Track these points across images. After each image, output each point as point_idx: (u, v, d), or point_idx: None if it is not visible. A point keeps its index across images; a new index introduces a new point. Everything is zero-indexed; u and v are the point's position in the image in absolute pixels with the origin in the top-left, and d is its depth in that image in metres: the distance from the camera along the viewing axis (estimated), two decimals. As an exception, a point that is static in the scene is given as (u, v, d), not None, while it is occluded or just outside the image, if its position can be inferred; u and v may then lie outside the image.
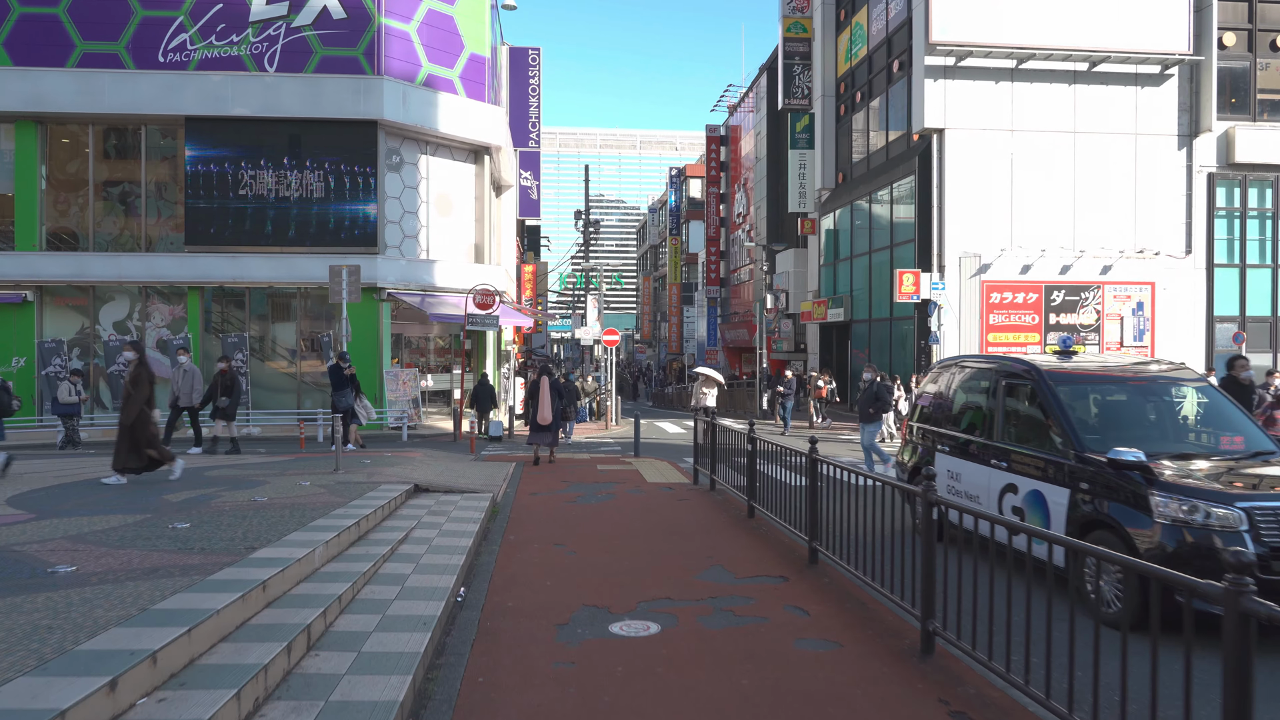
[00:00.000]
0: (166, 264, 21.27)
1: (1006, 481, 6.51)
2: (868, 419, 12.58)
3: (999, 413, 6.92)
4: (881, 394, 12.59)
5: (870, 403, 12.57)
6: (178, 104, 20.84)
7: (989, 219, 22.68)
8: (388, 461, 11.78)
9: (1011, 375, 6.93)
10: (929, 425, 8.07)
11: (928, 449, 7.94)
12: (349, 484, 8.85)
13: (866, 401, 12.60)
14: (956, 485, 7.26)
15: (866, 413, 12.67)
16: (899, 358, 24.84)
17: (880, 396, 12.57)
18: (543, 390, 13.28)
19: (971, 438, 7.24)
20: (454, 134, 22.94)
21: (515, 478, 11.50)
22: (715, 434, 9.93)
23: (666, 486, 10.69)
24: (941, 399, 8.04)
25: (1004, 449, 6.69)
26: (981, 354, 9.32)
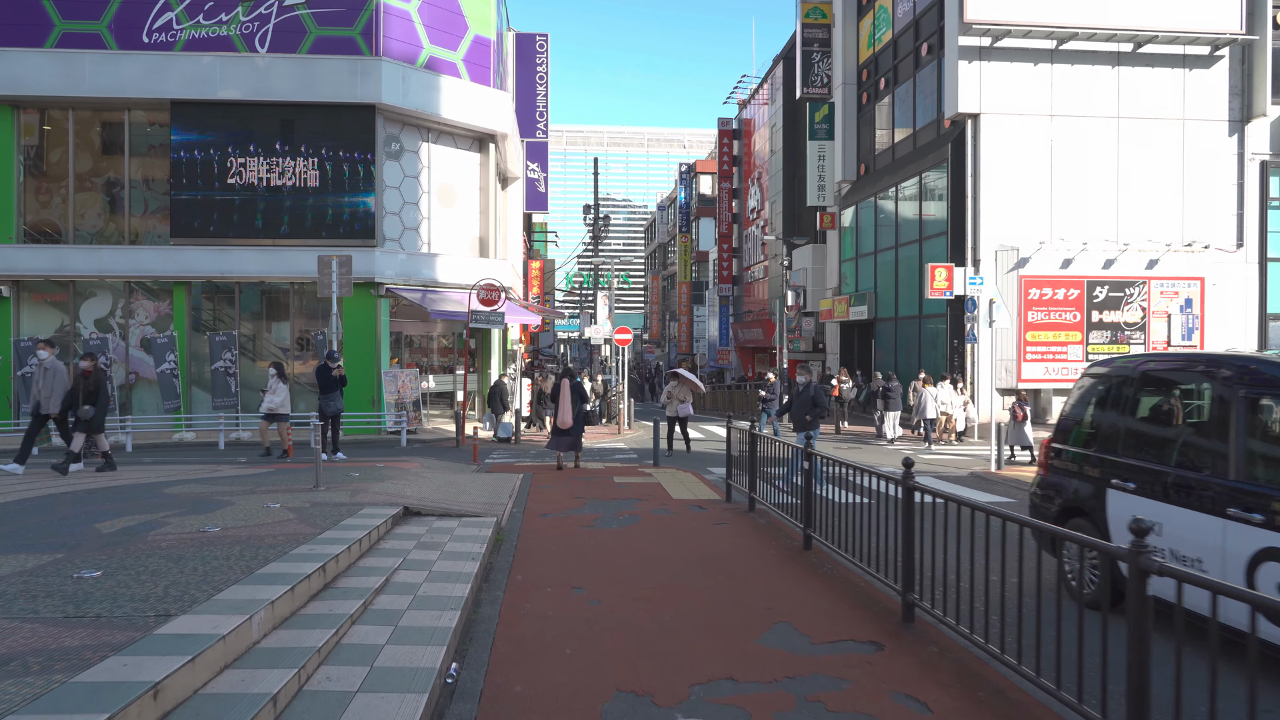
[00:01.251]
0: (150, 257, 19.97)
1: (1262, 544, 4.45)
2: (802, 425, 11.00)
3: (1237, 438, 4.87)
4: (819, 398, 11.17)
5: (807, 408, 11.14)
6: (163, 87, 19.55)
7: (1027, 210, 21.24)
8: (378, 475, 10.42)
9: (1263, 384, 4.87)
10: (1092, 451, 6.04)
11: (1091, 485, 5.93)
12: (326, 506, 7.50)
13: (802, 407, 11.13)
14: (1157, 542, 5.22)
15: (802, 419, 11.19)
16: (929, 358, 23.41)
17: (818, 401, 11.16)
18: (563, 393, 12.65)
19: (1187, 473, 5.18)
20: (457, 120, 21.60)
21: (523, 493, 10.14)
22: (755, 445, 8.55)
23: (697, 505, 9.31)
24: (1108, 414, 6.04)
25: (1257, 494, 4.62)
26: (1183, 352, 6.96)
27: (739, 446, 9.19)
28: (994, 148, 21.20)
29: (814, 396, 11.04)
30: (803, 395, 11.22)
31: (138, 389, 20.49)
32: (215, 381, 19.54)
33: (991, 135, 21.21)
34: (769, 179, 40.40)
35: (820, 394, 11.18)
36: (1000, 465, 13.81)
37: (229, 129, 19.84)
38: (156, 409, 19.81)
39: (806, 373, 11.57)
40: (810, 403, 11.06)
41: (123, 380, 20.30)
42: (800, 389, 11.30)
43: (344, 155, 20.08)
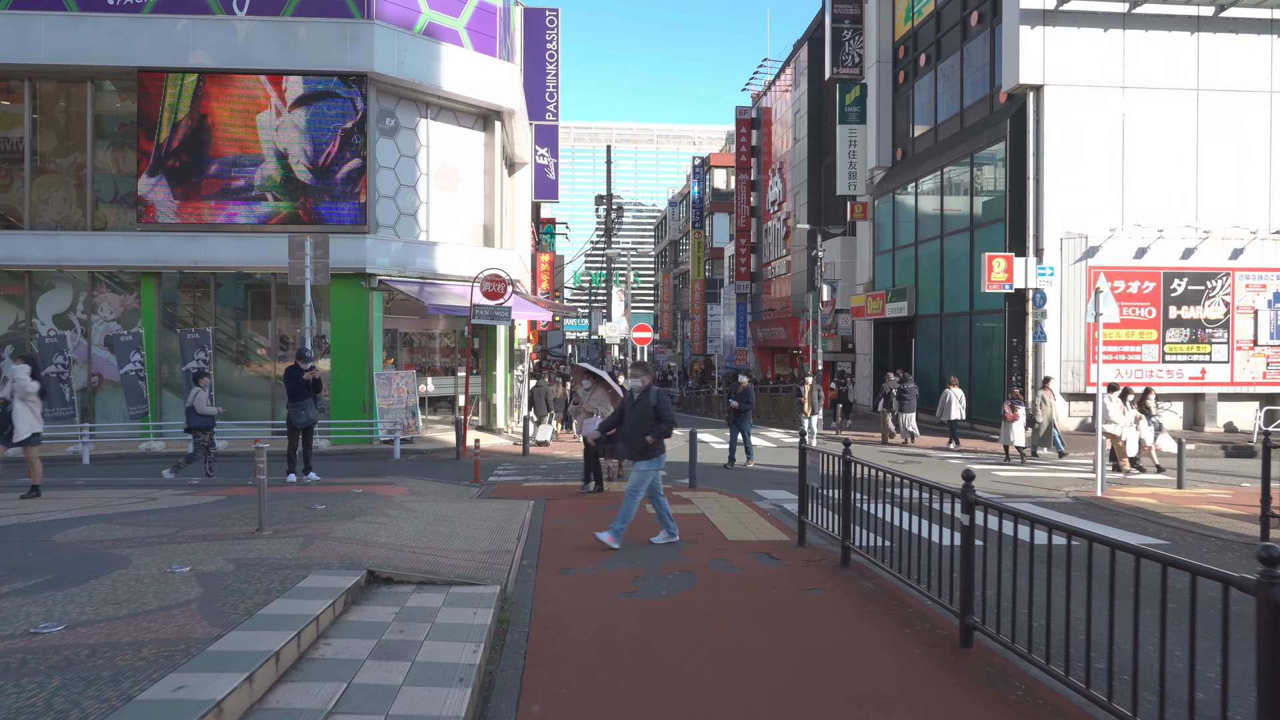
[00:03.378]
0: (115, 245, 17.81)
1: None
2: (640, 452, 7.72)
3: None
4: (663, 408, 7.72)
5: (647, 425, 7.78)
6: (129, 53, 17.41)
7: (1096, 193, 18.94)
8: (350, 507, 8.18)
9: None
10: None
11: None
12: (258, 568, 5.29)
13: (640, 424, 7.71)
14: None
15: (640, 442, 7.97)
16: (982, 359, 21.12)
17: (661, 414, 7.76)
18: None
19: None
20: (459, 94, 19.40)
21: (534, 531, 7.91)
22: (850, 475, 6.29)
23: (765, 553, 7.06)
24: None
25: None
26: None
27: (820, 473, 6.94)
28: (1059, 124, 18.90)
29: (656, 407, 7.57)
30: (638, 406, 7.69)
31: (101, 393, 18.35)
32: (188, 384, 17.34)
33: (1056, 109, 18.92)
34: (791, 169, 38.12)
35: (664, 403, 7.64)
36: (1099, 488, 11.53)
37: (203, 100, 17.65)
38: (122, 415, 17.65)
39: (643, 373, 7.98)
40: (652, 417, 7.57)
41: (84, 383, 18.16)
42: (636, 397, 7.81)
43: (333, 130, 17.89)
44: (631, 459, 7.69)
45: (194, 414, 11.99)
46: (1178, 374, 19.03)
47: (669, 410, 7.68)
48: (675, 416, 7.91)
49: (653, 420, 7.57)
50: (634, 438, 7.63)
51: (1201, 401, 19.30)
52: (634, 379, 8.04)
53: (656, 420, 7.58)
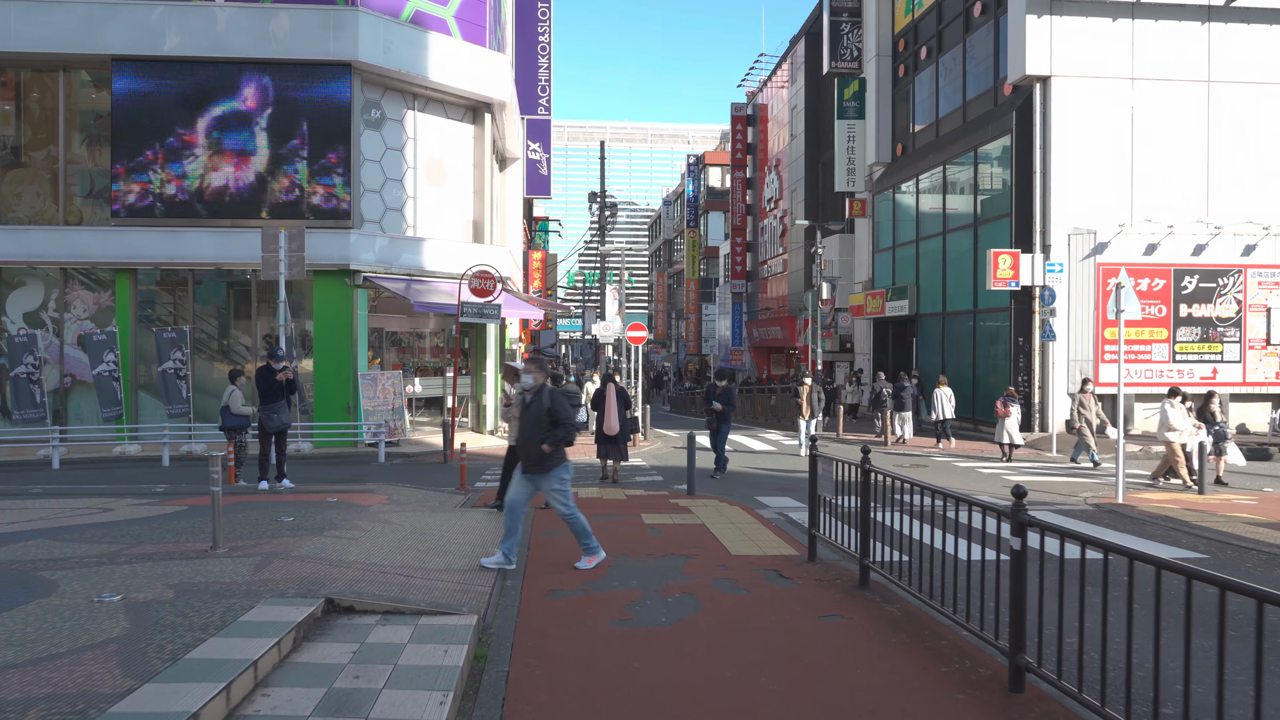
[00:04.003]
0: (88, 240, 17.10)
1: None
2: (534, 464, 6.47)
3: None
4: (559, 410, 6.51)
5: (542, 432, 6.48)
6: (102, 40, 16.72)
7: (1104, 188, 18.38)
8: (319, 519, 7.53)
9: None
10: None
11: None
12: (200, 595, 4.64)
13: (535, 427, 6.45)
14: None
15: (534, 451, 6.45)
16: (987, 358, 20.54)
17: (558, 415, 6.47)
18: (609, 398, 11.97)
19: None
20: (448, 84, 18.74)
21: (521, 546, 7.26)
22: (869, 486, 5.67)
23: (772, 570, 6.43)
24: None
25: None
26: None
27: (833, 482, 6.31)
28: (1067, 116, 18.34)
29: (551, 409, 6.40)
30: (531, 410, 6.50)
31: (75, 394, 17.64)
32: (164, 385, 16.67)
33: (1064, 101, 18.35)
34: (788, 166, 37.54)
35: (560, 404, 6.47)
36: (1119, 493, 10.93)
37: (180, 90, 16.97)
38: (96, 417, 16.94)
39: (535, 369, 6.68)
40: (547, 422, 6.40)
41: (56, 384, 17.44)
42: (528, 399, 6.59)
43: (315, 122, 17.21)
44: (527, 473, 6.47)
45: (229, 414, 11.55)
46: (1188, 374, 18.48)
47: (567, 412, 6.50)
48: (575, 419, 6.81)
49: (548, 426, 6.40)
50: (528, 448, 6.42)
51: (1213, 402, 18.70)
52: (525, 375, 6.66)
53: (553, 425, 6.40)
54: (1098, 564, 3.41)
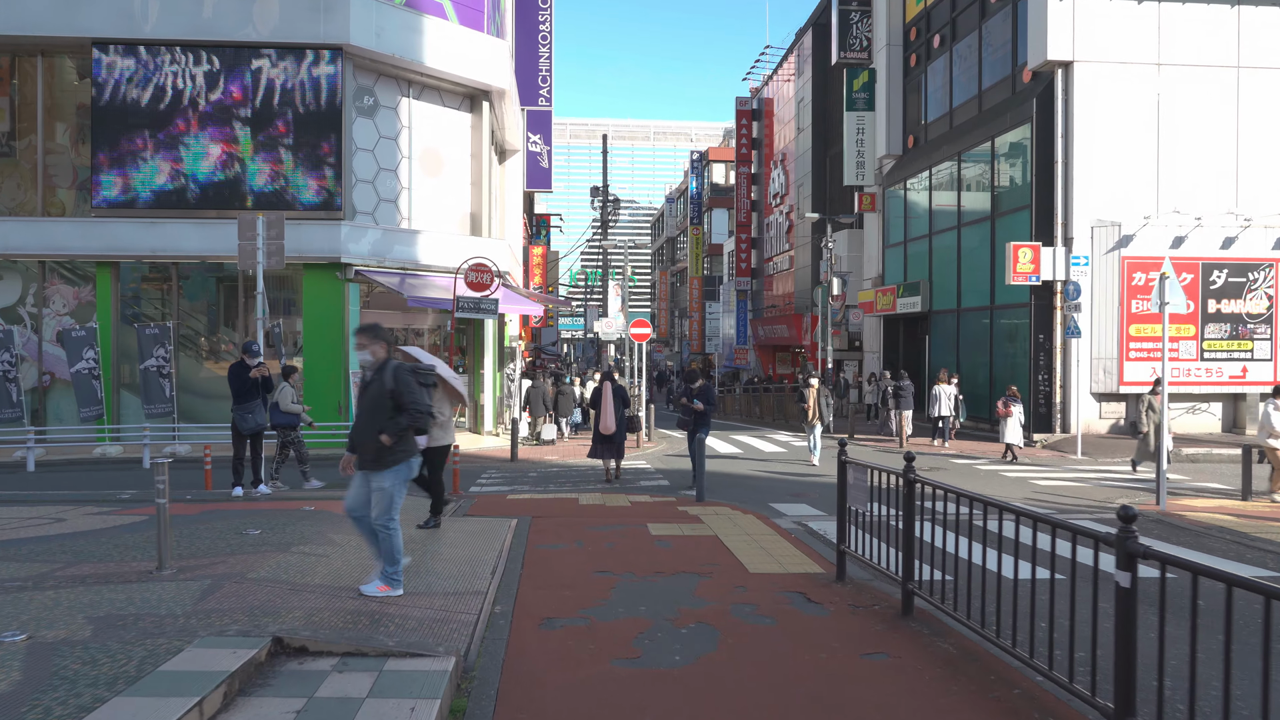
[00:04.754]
0: (67, 233, 16.37)
1: None
2: (368, 461, 5.19)
3: None
4: (405, 395, 5.25)
5: (368, 432, 5.20)
6: (82, 23, 15.99)
7: (1129, 179, 17.60)
8: (289, 532, 6.76)
9: None
10: None
11: None
12: (127, 632, 3.88)
13: (372, 413, 5.20)
14: None
15: (372, 444, 5.17)
16: (1004, 356, 19.75)
17: (406, 404, 5.27)
18: (605, 397, 11.89)
19: None
20: (444, 70, 17.99)
21: (514, 563, 6.50)
22: (913, 498, 4.90)
23: (797, 593, 5.66)
24: None
25: None
26: None
27: (865, 493, 5.54)
28: (1090, 103, 17.55)
29: (394, 390, 5.14)
30: (369, 391, 5.25)
31: (55, 393, 16.91)
32: (146, 383, 15.94)
33: (1086, 88, 17.56)
34: (794, 161, 36.75)
35: (406, 384, 5.15)
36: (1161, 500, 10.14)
37: (164, 75, 16.23)
38: (76, 417, 16.20)
39: (372, 340, 5.39)
40: (388, 405, 5.14)
41: (34, 383, 16.71)
42: (368, 377, 5.37)
43: (304, 109, 16.47)
44: (362, 469, 5.15)
45: (277, 411, 10.98)
46: (1216, 372, 17.70)
47: (413, 394, 5.14)
48: (426, 403, 5.28)
49: (390, 410, 5.10)
50: (363, 438, 5.10)
51: (1242, 402, 17.96)
52: (360, 350, 5.39)
53: (396, 410, 5.10)
54: (1211, 596, 2.64)
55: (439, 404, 7.70)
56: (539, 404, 18.69)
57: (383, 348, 5.39)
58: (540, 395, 18.71)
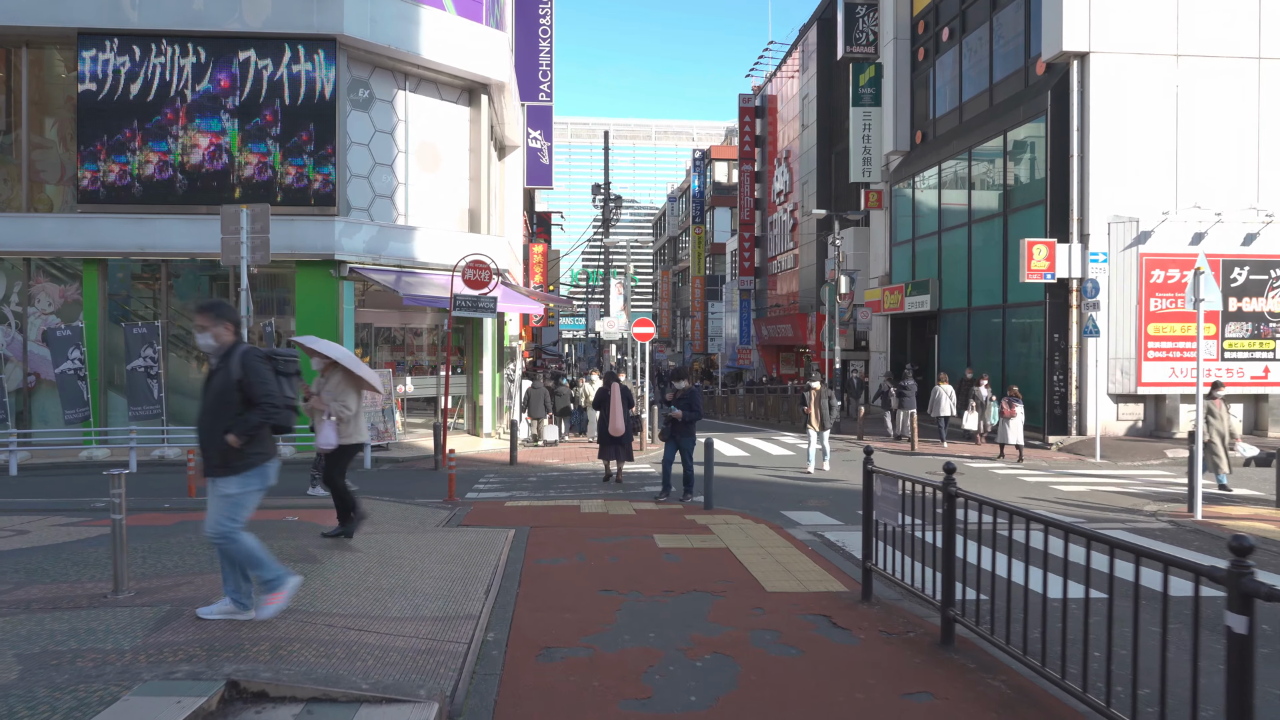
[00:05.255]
0: (52, 229, 15.88)
1: None
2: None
3: None
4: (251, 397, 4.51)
5: (215, 438, 4.47)
6: (66, 13, 15.51)
7: (1147, 173, 17.07)
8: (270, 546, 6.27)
9: None
10: None
11: None
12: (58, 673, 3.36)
13: (209, 420, 4.49)
14: None
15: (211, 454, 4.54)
16: (1018, 356, 19.22)
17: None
18: (613, 399, 11.65)
19: None
20: (442, 62, 17.49)
21: (510, 580, 5.99)
22: (953, 514, 4.40)
23: (821, 615, 5.14)
24: None
25: None
26: None
27: (895, 506, 5.03)
28: (1106, 95, 17.03)
29: (242, 381, 4.39)
30: (214, 381, 4.47)
31: (40, 394, 16.42)
32: (133, 384, 15.43)
33: (1103, 80, 17.04)
34: (799, 158, 36.23)
35: (257, 372, 4.40)
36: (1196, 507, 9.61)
37: (152, 67, 15.73)
38: (61, 419, 15.70)
39: (214, 321, 4.50)
40: (236, 398, 4.39)
41: (19, 384, 16.21)
42: (214, 365, 4.55)
43: (297, 102, 15.97)
44: (209, 475, 4.43)
45: None
46: (1238, 373, 17.16)
47: (267, 385, 4.37)
48: (283, 394, 4.48)
49: (238, 404, 4.34)
50: (208, 438, 4.37)
51: (1264, 403, 17.45)
52: (200, 335, 4.50)
53: (245, 404, 4.33)
54: None
55: (344, 397, 7.01)
56: (539, 405, 18.21)
57: (228, 330, 4.51)
58: (541, 396, 18.24)
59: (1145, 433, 17.32)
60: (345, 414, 7.01)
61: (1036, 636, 3.74)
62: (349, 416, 7.05)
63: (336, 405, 6.98)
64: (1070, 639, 3.67)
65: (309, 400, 7.06)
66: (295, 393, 4.67)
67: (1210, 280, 9.46)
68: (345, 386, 7.04)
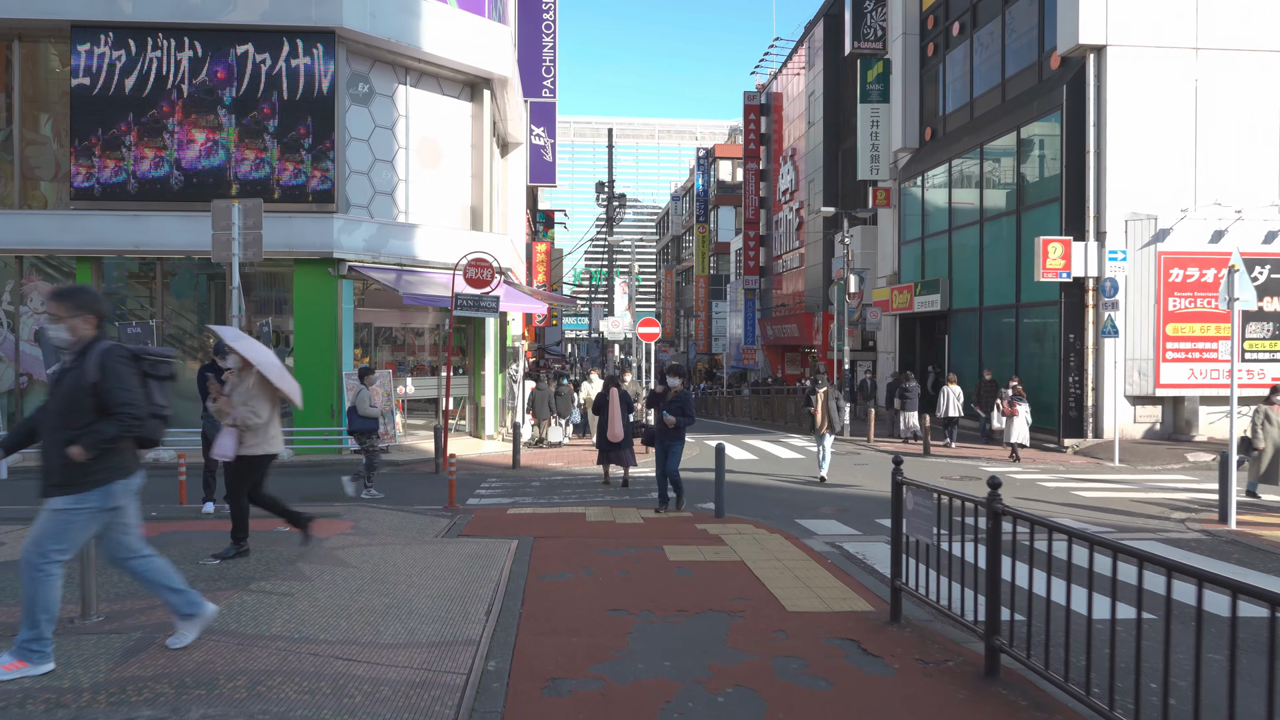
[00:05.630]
0: (45, 226, 15.52)
1: None
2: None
3: None
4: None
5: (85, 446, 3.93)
6: (59, 5, 15.13)
7: (1165, 169, 16.66)
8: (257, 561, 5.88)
9: None
10: None
11: None
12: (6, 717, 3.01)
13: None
14: None
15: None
16: (1031, 357, 18.81)
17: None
18: (612, 403, 11.29)
19: None
20: (443, 56, 17.11)
21: (513, 598, 5.60)
22: (999, 533, 4.01)
23: (849, 641, 4.76)
24: None
25: None
26: None
27: (930, 521, 4.65)
28: (1123, 90, 16.62)
29: (98, 383, 3.82)
30: (63, 384, 3.95)
31: (32, 395, 16.04)
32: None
33: (1120, 74, 16.63)
34: (805, 156, 35.84)
35: (118, 373, 3.81)
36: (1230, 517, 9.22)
37: (146, 62, 15.36)
38: (54, 421, 15.32)
39: (73, 313, 3.96)
40: (89, 403, 3.82)
41: (11, 384, 15.87)
42: (67, 364, 4.01)
43: (295, 96, 15.60)
44: (44, 495, 3.80)
45: (355, 416, 10.69)
46: (1258, 374, 16.73)
47: (127, 391, 3.76)
48: (150, 402, 3.86)
49: (90, 411, 3.74)
50: (50, 449, 3.75)
51: (1286, 406, 17.00)
52: (53, 325, 4.00)
53: (99, 412, 3.72)
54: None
55: (254, 403, 6.11)
56: (543, 406, 17.85)
57: (88, 322, 3.84)
58: (545, 397, 17.88)
59: (1163, 435, 16.92)
60: (252, 421, 6.13)
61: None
62: (257, 425, 6.16)
63: (244, 410, 6.12)
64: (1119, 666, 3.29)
65: (217, 400, 6.32)
66: (166, 399, 3.98)
67: (1245, 279, 9.08)
68: (259, 392, 6.18)
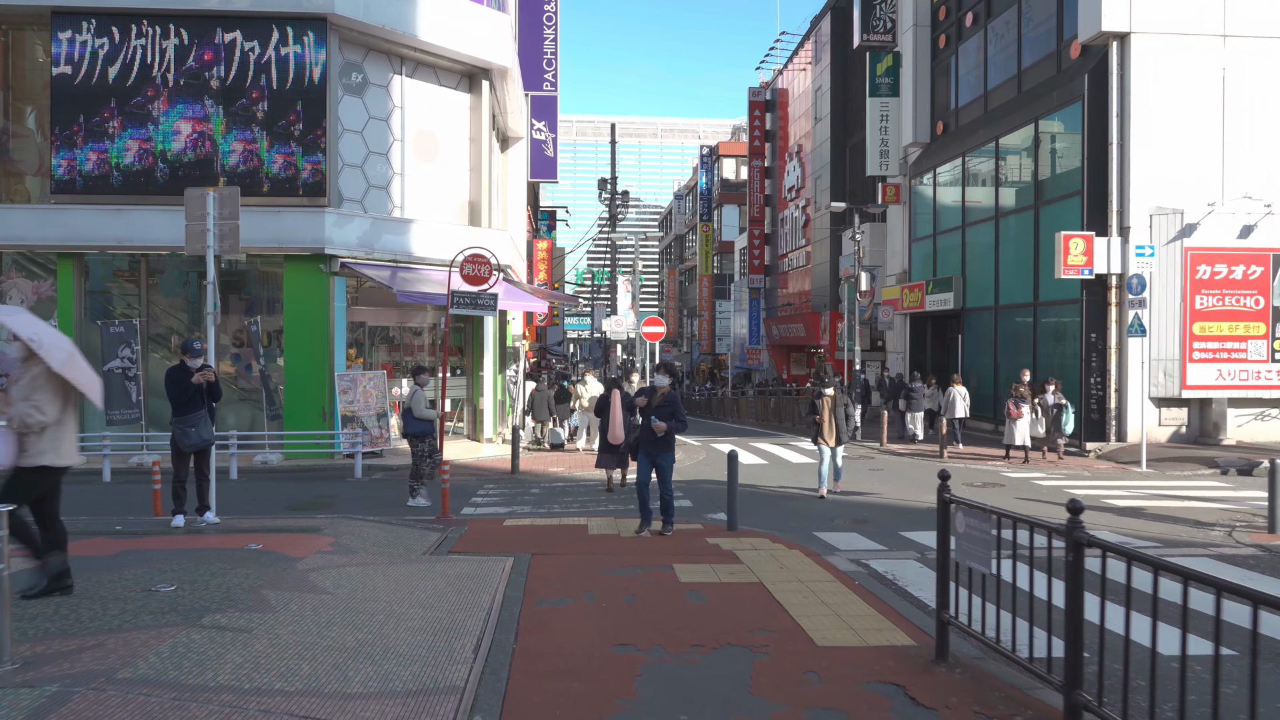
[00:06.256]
0: (24, 221, 14.91)
1: None
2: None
3: None
4: None
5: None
6: (39, -10, 14.51)
7: (1191, 162, 15.99)
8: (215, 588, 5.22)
9: None
10: None
11: None
12: None
13: None
14: None
15: None
16: (1049, 356, 18.13)
17: None
18: (614, 405, 11.00)
19: None
20: (440, 45, 16.49)
21: (505, 634, 4.94)
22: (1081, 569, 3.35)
23: (892, 686, 4.10)
24: None
25: None
26: None
27: (988, 548, 4.00)
28: (1148, 79, 15.95)
29: None
30: None
31: (12, 397, 15.39)
32: (110, 387, 14.40)
33: (1144, 63, 15.96)
34: (811, 152, 35.17)
35: None
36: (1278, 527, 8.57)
37: (129, 49, 14.75)
38: (34, 424, 14.69)
39: None
40: None
41: (-11, 385, 15.21)
42: None
43: (285, 86, 14.97)
44: None
45: (411, 418, 10.52)
46: (1289, 375, 16.07)
47: None
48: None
49: None
50: None
51: (1317, 408, 16.34)
52: None
53: None
54: None
55: (38, 396, 5.01)
56: (544, 408, 17.21)
57: None
58: (545, 399, 17.25)
59: (1189, 439, 16.25)
60: (35, 419, 4.97)
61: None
62: (42, 425, 5.01)
63: (25, 407, 4.98)
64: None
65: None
66: None
67: None
68: (45, 384, 5.06)
